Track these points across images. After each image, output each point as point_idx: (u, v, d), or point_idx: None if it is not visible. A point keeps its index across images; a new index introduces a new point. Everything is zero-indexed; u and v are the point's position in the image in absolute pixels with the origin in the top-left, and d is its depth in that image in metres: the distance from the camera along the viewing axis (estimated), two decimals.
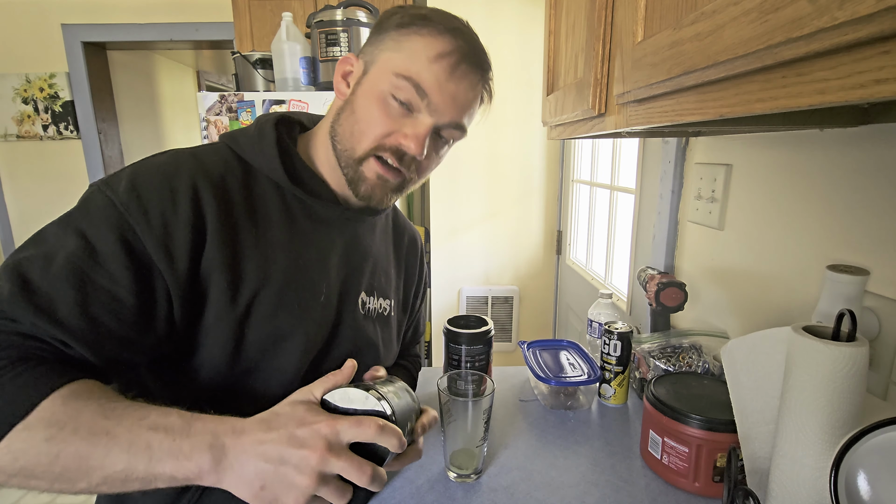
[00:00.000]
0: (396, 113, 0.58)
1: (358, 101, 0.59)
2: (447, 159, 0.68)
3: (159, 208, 0.51)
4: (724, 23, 0.34)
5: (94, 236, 0.49)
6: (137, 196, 0.51)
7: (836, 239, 0.67)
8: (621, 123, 0.62)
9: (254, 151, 0.61)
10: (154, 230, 0.51)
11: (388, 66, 0.57)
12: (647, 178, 1.29)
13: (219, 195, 0.56)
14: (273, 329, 0.58)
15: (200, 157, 0.57)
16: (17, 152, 2.64)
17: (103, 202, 0.50)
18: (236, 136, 0.63)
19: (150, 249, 0.50)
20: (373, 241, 0.72)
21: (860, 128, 0.60)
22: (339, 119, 0.61)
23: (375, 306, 0.72)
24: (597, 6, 0.64)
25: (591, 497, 0.68)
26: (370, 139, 0.58)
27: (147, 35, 2.49)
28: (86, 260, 0.48)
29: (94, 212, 0.50)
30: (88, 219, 0.50)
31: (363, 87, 0.59)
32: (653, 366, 0.88)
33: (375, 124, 0.58)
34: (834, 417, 0.47)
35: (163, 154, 0.57)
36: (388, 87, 0.57)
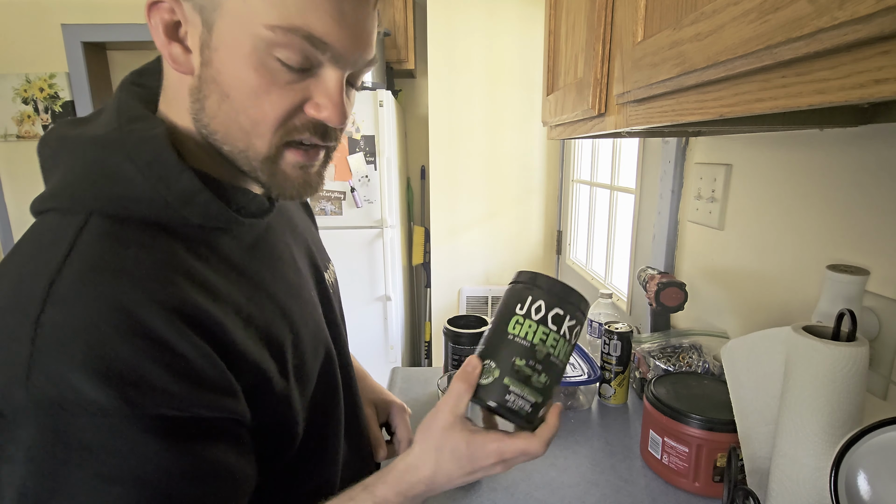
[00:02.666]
0: (290, 78, 0.39)
1: (225, 78, 0.39)
2: (447, 160, 0.67)
3: (162, 369, 0.35)
4: (723, 23, 0.34)
5: (123, 467, 0.34)
6: (125, 381, 0.33)
7: (836, 239, 0.67)
8: (621, 123, 0.61)
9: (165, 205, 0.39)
10: (178, 394, 0.35)
11: (246, 14, 0.37)
12: (647, 178, 1.29)
13: (194, 291, 0.38)
14: (319, 371, 0.53)
15: (119, 268, 0.36)
16: (17, 152, 2.64)
17: (91, 424, 0.33)
18: (113, 195, 0.38)
19: (193, 412, 0.36)
20: (293, 215, 0.62)
21: (860, 128, 0.60)
22: (203, 108, 0.40)
23: (333, 278, 0.66)
24: (597, 6, 0.64)
25: (591, 497, 0.68)
26: (271, 128, 0.40)
27: (147, 35, 2.48)
28: (146, 492, 0.35)
29: (92, 442, 0.33)
30: (97, 459, 0.33)
31: (221, 55, 0.38)
32: (653, 366, 0.88)
33: (269, 106, 0.39)
34: (834, 417, 0.47)
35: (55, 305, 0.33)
36: (265, 47, 0.37)
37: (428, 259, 2.56)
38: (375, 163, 1.97)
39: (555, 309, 0.47)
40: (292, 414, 0.47)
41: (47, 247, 0.36)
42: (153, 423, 0.35)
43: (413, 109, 2.63)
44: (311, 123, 0.42)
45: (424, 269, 2.65)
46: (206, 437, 0.38)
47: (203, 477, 0.38)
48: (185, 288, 0.38)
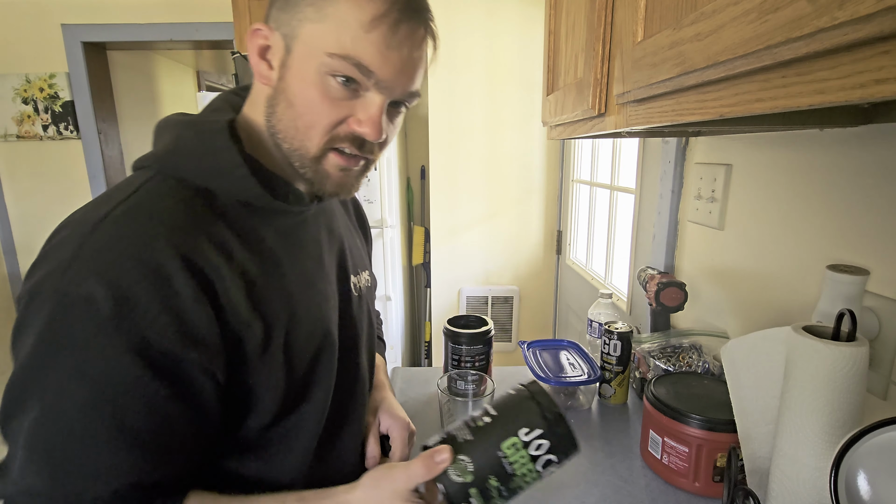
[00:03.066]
0: (341, 96, 0.49)
1: (292, 90, 0.49)
2: (447, 160, 0.68)
3: (158, 300, 0.42)
4: (723, 23, 0.34)
5: (97, 371, 0.41)
6: (125, 299, 0.41)
7: (836, 239, 0.67)
8: (621, 123, 0.61)
9: (214, 175, 0.50)
10: (164, 326, 0.42)
11: (315, 43, 0.47)
12: (647, 178, 1.29)
13: (209, 248, 0.46)
14: (310, 356, 0.56)
15: (158, 212, 0.46)
16: (17, 152, 2.64)
17: (87, 323, 0.41)
18: (177, 160, 0.50)
19: (171, 348, 0.43)
20: (335, 221, 0.68)
21: (860, 128, 0.60)
22: (274, 112, 0.51)
23: (363, 283, 0.71)
24: (597, 6, 0.64)
25: (591, 497, 0.68)
26: (320, 133, 0.50)
27: (147, 35, 2.49)
28: (104, 400, 0.42)
29: (82, 339, 0.41)
30: (78, 351, 0.41)
31: (293, 72, 0.49)
32: (653, 366, 0.88)
33: (321, 115, 0.49)
34: (834, 417, 0.47)
35: (106, 224, 0.44)
36: (325, 70, 0.47)
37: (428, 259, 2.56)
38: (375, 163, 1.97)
39: (553, 455, 0.48)
40: (270, 384, 0.51)
41: (121, 189, 0.48)
42: (135, 341, 0.41)
43: (413, 109, 2.63)
44: (352, 135, 0.51)
45: (424, 269, 2.65)
46: (175, 375, 0.44)
47: (160, 408, 0.44)
48: (201, 242, 0.46)
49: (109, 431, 0.42)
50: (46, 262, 0.43)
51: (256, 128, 0.54)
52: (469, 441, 0.48)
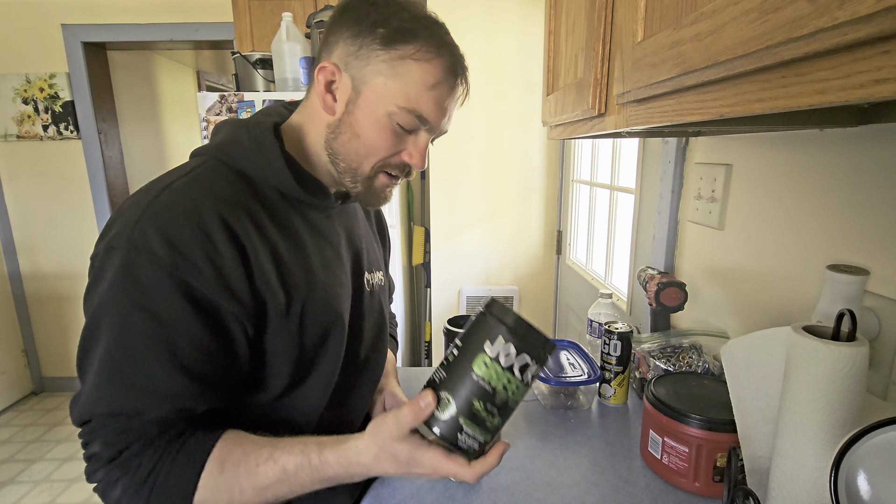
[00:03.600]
0: (399, 134, 0.61)
1: (360, 126, 0.60)
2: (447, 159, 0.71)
3: (204, 255, 0.52)
4: (723, 23, 0.34)
5: (156, 307, 0.50)
6: (178, 251, 0.51)
7: (836, 239, 0.67)
8: (621, 123, 0.62)
9: (256, 164, 0.60)
10: (208, 277, 0.52)
11: (387, 94, 0.58)
12: (647, 178, 1.29)
13: (246, 220, 0.57)
14: (322, 330, 0.64)
15: (209, 186, 0.56)
16: (17, 152, 2.63)
17: (149, 269, 0.50)
18: (228, 149, 0.61)
19: (212, 296, 0.52)
20: (356, 222, 0.77)
21: (860, 128, 0.60)
22: (337, 138, 0.62)
23: (376, 281, 0.78)
24: (597, 6, 0.64)
25: (591, 497, 0.68)
26: (377, 160, 0.62)
27: (147, 35, 2.49)
28: (161, 331, 0.51)
29: (145, 281, 0.50)
30: (142, 290, 0.50)
31: (363, 111, 0.60)
32: (653, 366, 0.88)
33: (383, 149, 0.61)
34: (834, 417, 0.47)
35: (168, 191, 0.54)
36: (392, 116, 0.59)
37: (428, 259, 2.56)
38: None
39: (524, 357, 0.47)
40: (285, 348, 0.60)
41: (180, 169, 0.59)
42: (186, 288, 0.51)
43: None
44: (402, 164, 0.64)
45: (424, 269, 2.65)
46: (215, 319, 0.53)
47: (204, 344, 0.53)
48: (242, 217, 0.56)
49: (165, 359, 0.51)
50: (119, 221, 0.53)
51: (303, 136, 0.65)
52: (445, 378, 0.49)
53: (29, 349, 2.85)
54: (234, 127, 0.63)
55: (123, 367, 0.51)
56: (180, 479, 0.52)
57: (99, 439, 0.52)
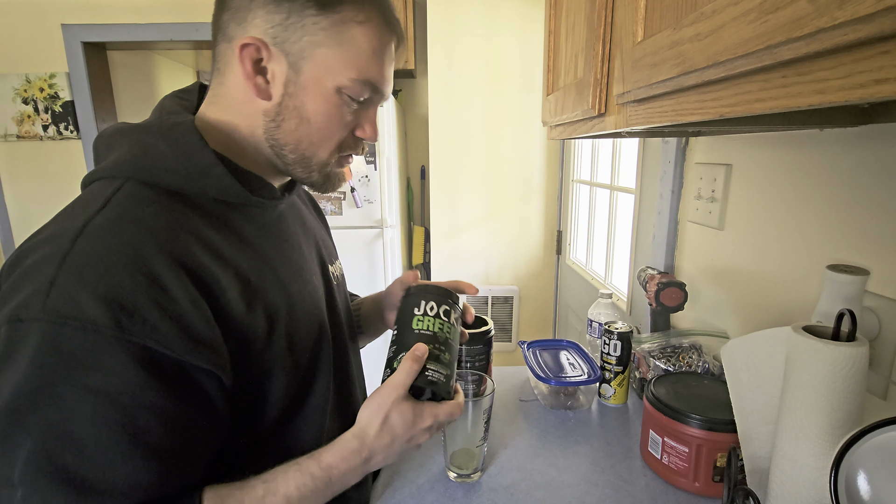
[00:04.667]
0: (352, 110, 0.54)
1: (308, 109, 0.52)
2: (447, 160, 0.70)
3: (156, 306, 0.42)
4: (723, 23, 0.34)
5: (100, 383, 0.40)
6: (122, 309, 0.40)
7: (836, 239, 0.67)
8: (621, 123, 0.61)
9: (188, 176, 0.49)
10: (165, 333, 0.42)
11: (334, 66, 0.51)
12: (647, 178, 1.29)
13: (197, 247, 0.47)
14: (312, 343, 0.60)
15: (139, 218, 0.45)
16: (17, 152, 2.63)
17: (83, 338, 0.39)
18: (145, 165, 0.48)
19: (174, 355, 0.43)
20: (305, 214, 0.71)
21: (860, 128, 0.60)
22: (280, 127, 0.53)
23: (338, 273, 0.74)
24: (597, 6, 0.64)
25: (591, 497, 0.68)
26: (334, 143, 0.55)
27: (147, 35, 2.49)
28: (113, 412, 0.40)
29: (81, 355, 0.39)
30: (76, 366, 0.39)
31: (308, 92, 0.51)
32: (653, 366, 0.88)
33: (338, 130, 0.54)
34: (834, 417, 0.47)
35: (86, 237, 0.42)
36: (343, 91, 0.52)
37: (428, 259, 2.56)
38: (375, 163, 1.97)
39: (443, 305, 0.62)
40: (277, 377, 0.54)
41: (89, 202, 0.46)
42: (139, 352, 0.41)
43: (413, 109, 2.63)
44: (355, 141, 0.58)
45: (424, 269, 2.65)
46: (182, 381, 0.44)
47: (171, 417, 0.43)
48: (191, 245, 0.46)
49: (125, 445, 0.41)
50: (21, 287, 0.40)
51: (230, 130, 0.54)
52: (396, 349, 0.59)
53: None
54: (141, 135, 0.50)
55: (69, 465, 0.39)
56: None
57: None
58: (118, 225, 0.44)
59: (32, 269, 0.41)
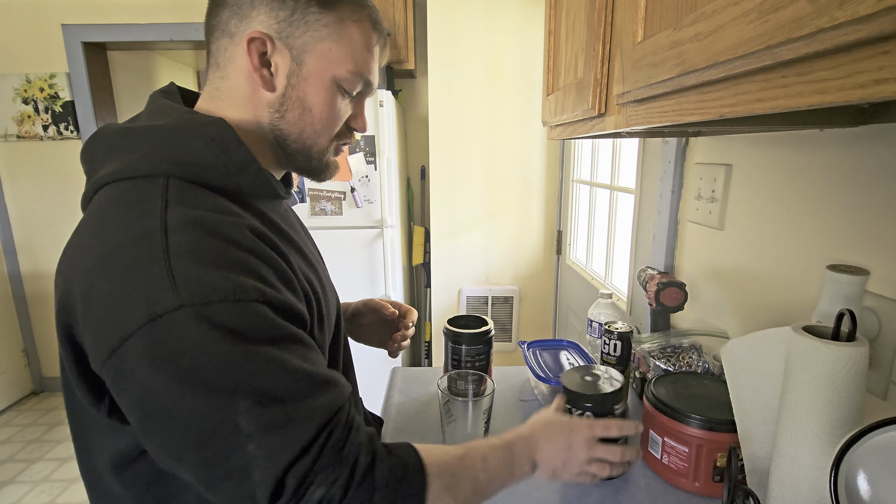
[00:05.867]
0: (346, 102, 0.59)
1: (310, 99, 0.55)
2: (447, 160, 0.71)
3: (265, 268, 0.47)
4: (723, 23, 0.34)
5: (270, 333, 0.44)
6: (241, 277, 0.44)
7: (836, 239, 0.67)
8: (621, 123, 0.62)
9: (228, 174, 0.51)
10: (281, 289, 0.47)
11: (335, 60, 0.54)
12: (647, 178, 1.29)
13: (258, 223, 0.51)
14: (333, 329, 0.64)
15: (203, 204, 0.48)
16: (17, 152, 2.63)
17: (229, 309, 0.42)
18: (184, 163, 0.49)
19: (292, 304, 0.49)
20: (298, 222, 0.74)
21: (860, 128, 0.60)
22: (284, 117, 0.55)
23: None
24: (597, 6, 0.64)
25: (591, 497, 0.68)
26: (333, 132, 0.59)
27: (147, 35, 2.49)
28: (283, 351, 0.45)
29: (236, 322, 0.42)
30: (242, 329, 0.43)
31: (310, 83, 0.54)
32: (653, 366, 0.88)
33: (337, 119, 0.58)
34: (834, 417, 0.47)
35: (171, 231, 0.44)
36: (341, 83, 0.56)
37: (428, 259, 2.56)
38: (375, 163, 1.97)
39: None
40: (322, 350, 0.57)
41: (140, 201, 0.46)
42: (266, 302, 0.45)
43: (413, 109, 2.63)
44: (349, 130, 0.62)
45: (424, 269, 2.65)
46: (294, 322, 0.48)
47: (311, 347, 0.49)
48: (255, 222, 0.50)
49: (305, 372, 0.45)
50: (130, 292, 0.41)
51: (239, 124, 0.55)
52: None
53: (29, 349, 2.85)
54: (169, 135, 0.50)
55: (285, 394, 0.44)
56: (413, 482, 0.48)
57: (317, 482, 0.43)
58: (195, 215, 0.45)
59: (132, 271, 0.42)
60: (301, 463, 0.43)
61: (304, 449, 0.43)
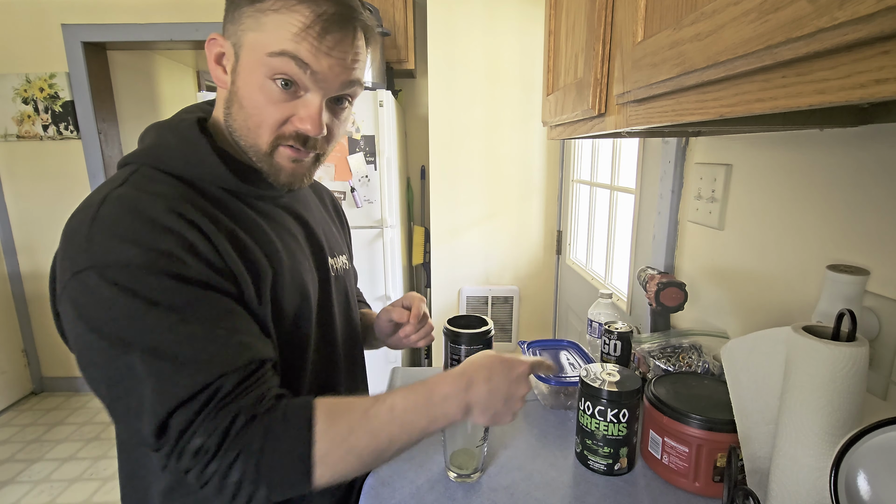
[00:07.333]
0: (282, 98, 0.55)
1: (241, 93, 0.56)
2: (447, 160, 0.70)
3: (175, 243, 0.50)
4: (723, 23, 0.34)
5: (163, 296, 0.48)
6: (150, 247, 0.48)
7: (836, 239, 0.67)
8: (621, 123, 0.62)
9: (188, 163, 0.57)
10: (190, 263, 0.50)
11: (256, 47, 0.54)
12: (647, 178, 1.29)
13: (196, 212, 0.54)
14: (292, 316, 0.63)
15: (148, 189, 0.53)
16: (17, 152, 2.63)
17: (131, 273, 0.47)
18: (156, 153, 0.57)
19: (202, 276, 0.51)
20: (310, 208, 0.75)
21: (860, 128, 0.60)
22: (230, 113, 0.58)
23: (339, 265, 0.77)
24: (597, 6, 0.64)
25: (591, 497, 0.68)
26: (268, 132, 0.57)
27: (147, 35, 2.49)
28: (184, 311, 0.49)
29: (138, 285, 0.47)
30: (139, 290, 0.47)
31: (241, 77, 0.56)
32: (653, 366, 0.88)
33: (267, 115, 0.56)
34: (834, 417, 0.47)
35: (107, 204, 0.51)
36: (266, 70, 0.54)
37: (428, 259, 2.56)
38: (375, 163, 1.97)
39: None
40: (266, 331, 0.58)
41: (111, 181, 0.55)
42: (173, 276, 0.49)
43: (413, 109, 2.63)
44: (296, 133, 0.58)
45: (424, 269, 2.65)
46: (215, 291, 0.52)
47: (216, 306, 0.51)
48: (191, 209, 0.53)
49: (206, 326, 0.50)
50: (68, 251, 0.49)
51: (217, 124, 0.62)
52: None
53: (29, 349, 2.85)
54: (159, 129, 0.59)
55: (175, 350, 0.48)
56: (296, 438, 0.50)
57: (197, 432, 0.48)
58: (133, 194, 0.52)
59: (71, 233, 0.50)
60: (183, 410, 0.48)
61: (188, 399, 0.48)
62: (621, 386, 0.71)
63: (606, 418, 0.71)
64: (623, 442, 0.72)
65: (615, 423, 0.71)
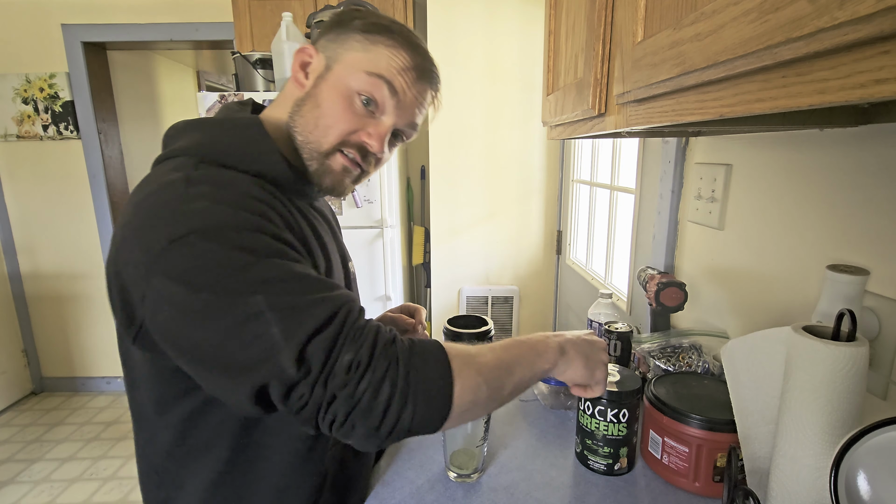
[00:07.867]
0: (361, 112, 0.62)
1: (323, 96, 0.61)
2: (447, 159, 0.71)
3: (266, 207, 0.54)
4: (723, 23, 0.34)
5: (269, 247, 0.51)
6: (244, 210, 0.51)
7: (836, 239, 0.67)
8: (621, 123, 0.62)
9: (249, 159, 0.59)
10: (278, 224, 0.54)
11: (357, 64, 0.61)
12: (647, 178, 1.29)
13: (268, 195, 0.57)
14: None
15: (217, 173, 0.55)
16: (17, 152, 2.63)
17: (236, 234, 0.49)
18: (215, 149, 0.58)
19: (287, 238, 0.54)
20: (327, 215, 0.78)
21: (860, 128, 0.60)
22: (299, 110, 0.63)
23: (353, 271, 0.80)
24: (597, 6, 0.64)
25: (591, 497, 0.68)
26: (336, 134, 0.62)
27: (147, 35, 2.49)
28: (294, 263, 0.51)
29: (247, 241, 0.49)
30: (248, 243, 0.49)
31: (329, 83, 0.62)
32: (653, 366, 0.88)
33: (342, 120, 0.61)
34: (834, 417, 0.47)
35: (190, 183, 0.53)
36: (358, 85, 0.60)
37: (428, 259, 2.56)
38: None
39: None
40: None
41: (176, 168, 0.55)
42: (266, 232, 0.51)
43: None
44: (359, 144, 0.63)
45: (424, 269, 2.65)
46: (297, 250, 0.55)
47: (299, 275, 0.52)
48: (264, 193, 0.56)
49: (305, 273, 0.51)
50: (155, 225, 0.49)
51: (276, 124, 0.64)
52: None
53: (29, 349, 2.85)
54: (206, 128, 0.61)
55: (295, 287, 0.49)
56: (435, 353, 0.51)
57: (344, 348, 0.48)
58: (216, 172, 0.55)
59: (157, 208, 0.50)
60: (321, 336, 0.47)
61: (322, 326, 0.48)
62: (621, 386, 0.71)
63: (606, 418, 0.71)
64: (623, 442, 0.72)
65: (615, 423, 0.71)
